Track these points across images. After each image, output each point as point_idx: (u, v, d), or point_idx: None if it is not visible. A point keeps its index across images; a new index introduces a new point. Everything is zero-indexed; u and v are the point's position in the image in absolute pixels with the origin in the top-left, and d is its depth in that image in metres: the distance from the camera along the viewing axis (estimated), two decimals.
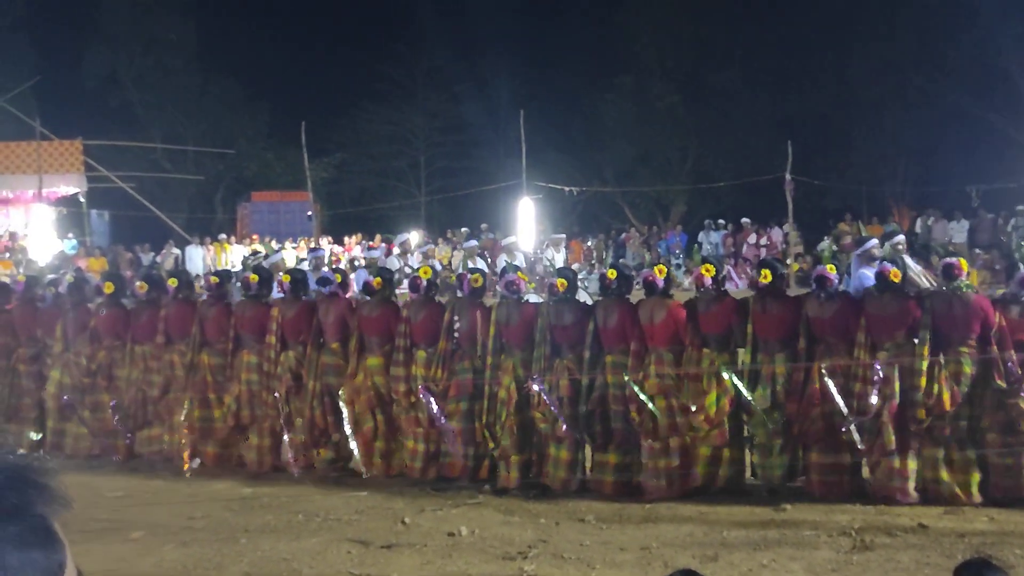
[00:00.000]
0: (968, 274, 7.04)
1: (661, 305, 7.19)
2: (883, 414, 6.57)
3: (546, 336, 7.35)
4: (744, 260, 22.01)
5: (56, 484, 1.17)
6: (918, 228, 22.95)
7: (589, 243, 25.77)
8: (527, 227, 21.64)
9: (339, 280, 8.40)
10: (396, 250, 14.97)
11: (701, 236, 24.64)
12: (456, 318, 7.70)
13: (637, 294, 7.71)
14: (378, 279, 8.18)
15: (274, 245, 23.90)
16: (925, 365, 6.52)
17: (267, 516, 6.94)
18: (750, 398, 6.90)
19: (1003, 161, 24.23)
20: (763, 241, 23.40)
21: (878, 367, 6.67)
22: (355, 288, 9.91)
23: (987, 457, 6.60)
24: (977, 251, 17.51)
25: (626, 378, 7.04)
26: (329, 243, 25.56)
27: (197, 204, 33.82)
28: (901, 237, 10.52)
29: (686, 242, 24.82)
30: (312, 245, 22.11)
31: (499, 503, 7.10)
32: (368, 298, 8.28)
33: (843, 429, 6.73)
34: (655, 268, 7.52)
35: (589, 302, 8.14)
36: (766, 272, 7.13)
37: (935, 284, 7.37)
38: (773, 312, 7.03)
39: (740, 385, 6.93)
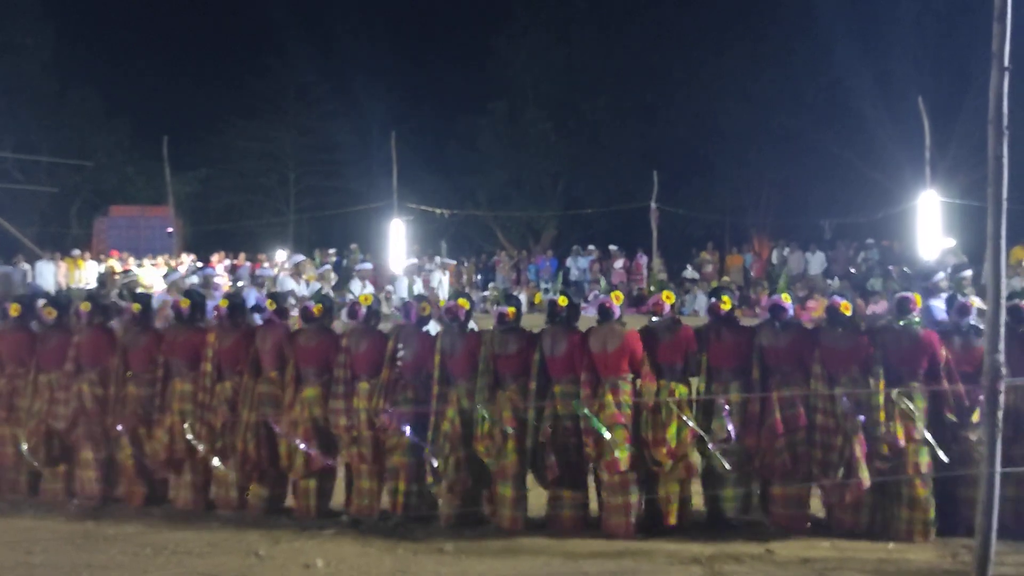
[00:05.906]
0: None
1: (614, 333, 6.79)
2: (856, 450, 6.38)
3: (489, 366, 6.96)
4: (611, 285, 22.40)
5: None
6: (775, 259, 23.78)
7: (462, 266, 25.79)
8: (398, 248, 21.53)
9: (272, 307, 7.77)
10: (286, 269, 14.14)
11: (569, 261, 24.96)
12: (400, 346, 7.29)
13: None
14: (319, 306, 7.61)
15: (133, 262, 23.06)
16: (882, 400, 6.44)
17: (112, 551, 6.58)
18: (703, 432, 6.68)
19: (855, 195, 25.40)
20: (630, 266, 23.88)
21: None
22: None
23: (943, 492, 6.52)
24: (829, 282, 18.26)
25: (585, 411, 6.63)
26: (193, 261, 24.80)
27: (51, 217, 32.15)
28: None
29: (556, 267, 25.10)
30: (199, 264, 21.42)
31: (356, 533, 6.94)
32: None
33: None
34: (612, 294, 7.08)
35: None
36: (726, 299, 6.90)
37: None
38: (728, 341, 6.79)
39: (690, 421, 6.68)
